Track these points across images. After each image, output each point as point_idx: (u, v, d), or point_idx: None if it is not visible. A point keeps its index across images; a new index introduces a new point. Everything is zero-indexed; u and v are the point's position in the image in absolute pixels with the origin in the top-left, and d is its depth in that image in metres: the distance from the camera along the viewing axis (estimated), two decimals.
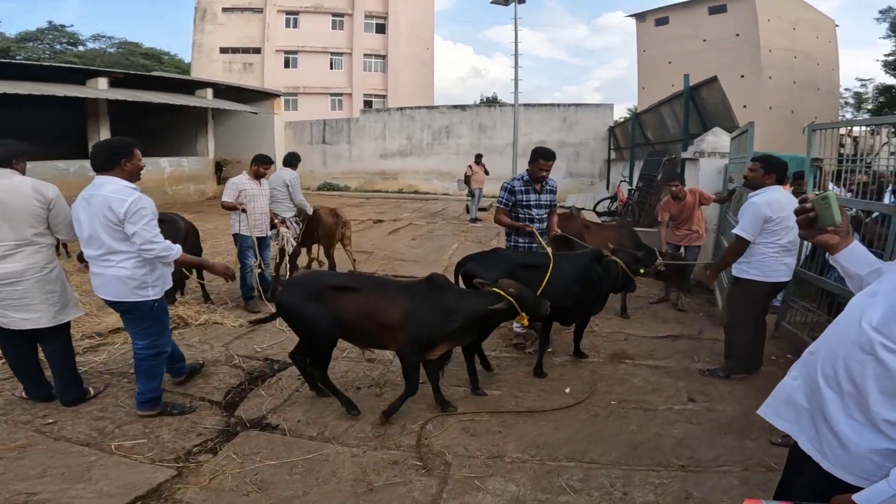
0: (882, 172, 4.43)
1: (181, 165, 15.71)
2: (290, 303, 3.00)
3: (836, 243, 1.40)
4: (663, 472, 2.54)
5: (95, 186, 2.79)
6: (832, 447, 1.24)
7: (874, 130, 4.66)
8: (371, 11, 31.10)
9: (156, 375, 3.03)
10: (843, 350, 1.24)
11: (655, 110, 10.35)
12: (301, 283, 3.16)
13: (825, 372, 1.27)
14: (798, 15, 32.38)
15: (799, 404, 1.35)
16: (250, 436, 2.88)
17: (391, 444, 2.82)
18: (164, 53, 39.33)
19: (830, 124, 4.49)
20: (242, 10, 30.56)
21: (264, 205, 5.27)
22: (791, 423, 1.38)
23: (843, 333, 1.26)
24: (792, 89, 31.49)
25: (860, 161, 4.33)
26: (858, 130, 4.93)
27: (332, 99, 31.29)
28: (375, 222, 11.73)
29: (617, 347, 4.27)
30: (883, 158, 4.90)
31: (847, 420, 1.21)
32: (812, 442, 1.31)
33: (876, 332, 1.16)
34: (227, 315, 4.86)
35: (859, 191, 4.01)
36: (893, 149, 5.59)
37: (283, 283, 3.15)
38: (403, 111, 20.42)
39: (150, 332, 2.97)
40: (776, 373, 3.79)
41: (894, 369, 1.12)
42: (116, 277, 2.81)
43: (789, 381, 1.41)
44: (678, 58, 32.81)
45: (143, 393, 2.99)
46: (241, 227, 5.07)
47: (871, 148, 5.09)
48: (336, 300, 2.97)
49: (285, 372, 3.71)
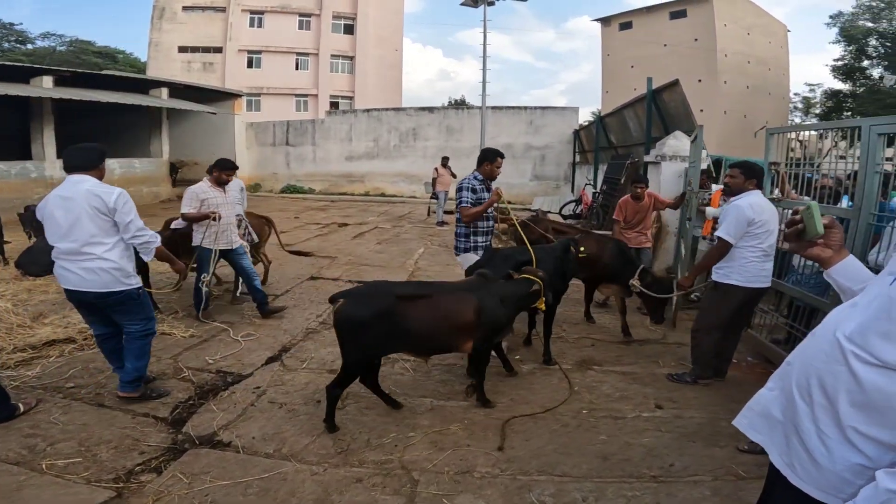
0: (839, 177, 4.56)
1: (133, 167, 15.06)
2: (357, 316, 2.79)
3: (829, 257, 1.38)
4: (635, 484, 2.49)
5: (73, 184, 2.93)
6: (802, 461, 1.20)
7: (822, 134, 4.81)
8: (339, 12, 30.70)
9: (145, 354, 3.22)
10: (817, 361, 1.19)
11: (619, 114, 10.51)
12: (368, 295, 2.92)
13: (799, 383, 1.23)
14: (752, 20, 33.50)
15: (774, 416, 1.31)
16: (199, 454, 2.69)
17: (354, 460, 2.67)
18: (119, 52, 38.05)
19: (787, 128, 4.61)
20: (204, 10, 29.75)
21: (230, 214, 4.85)
22: (765, 435, 1.33)
23: (818, 344, 1.22)
24: (745, 94, 32.59)
25: (809, 165, 4.46)
26: (806, 135, 5.08)
27: (297, 100, 30.74)
28: (340, 226, 11.48)
29: (584, 354, 4.24)
30: (829, 162, 5.07)
31: (818, 433, 1.16)
32: (783, 456, 1.26)
33: (849, 341, 1.12)
34: (176, 325, 4.59)
35: (818, 194, 4.12)
36: (841, 153, 5.79)
37: (345, 295, 2.90)
38: (370, 113, 20.17)
39: (141, 316, 3.15)
40: (740, 378, 3.83)
41: (865, 381, 1.08)
42: (102, 269, 2.92)
43: (766, 393, 1.37)
44: (640, 62, 33.66)
45: (131, 371, 3.13)
46: (204, 239, 4.66)
47: (818, 152, 5.25)
48: (406, 310, 2.86)
49: (239, 385, 3.51)
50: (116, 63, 35.20)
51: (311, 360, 3.96)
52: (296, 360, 3.98)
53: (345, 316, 2.81)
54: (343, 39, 31.15)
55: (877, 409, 1.07)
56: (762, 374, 3.92)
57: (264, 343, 4.29)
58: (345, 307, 2.82)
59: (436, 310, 2.93)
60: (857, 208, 3.32)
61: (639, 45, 34.41)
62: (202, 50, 29.91)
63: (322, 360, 3.98)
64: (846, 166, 4.30)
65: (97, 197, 2.89)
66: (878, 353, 1.07)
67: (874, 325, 1.09)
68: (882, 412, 1.06)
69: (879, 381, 1.06)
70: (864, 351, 1.09)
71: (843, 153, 5.75)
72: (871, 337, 1.09)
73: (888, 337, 1.06)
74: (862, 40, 26.31)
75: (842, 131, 4.45)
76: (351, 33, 31.25)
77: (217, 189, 4.78)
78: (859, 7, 26.38)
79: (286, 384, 3.54)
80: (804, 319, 3.83)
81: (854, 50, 26.92)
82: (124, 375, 3.16)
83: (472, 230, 4.14)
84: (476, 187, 4.13)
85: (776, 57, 34.85)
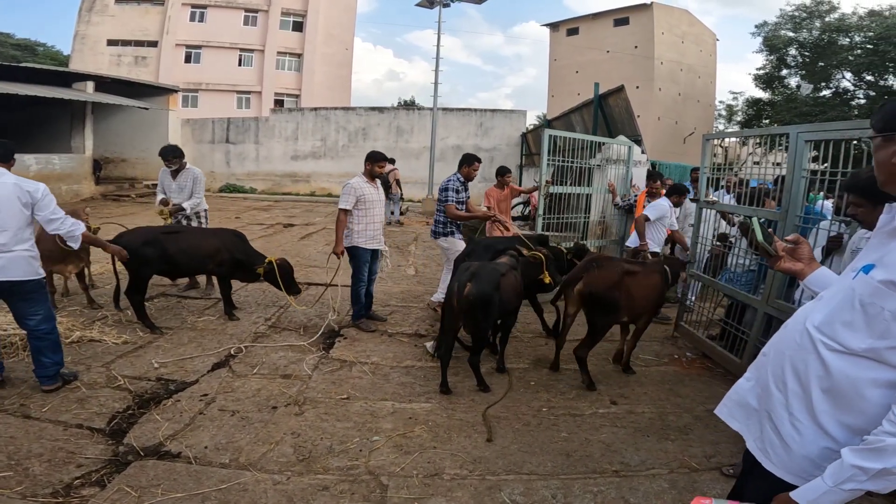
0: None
1: (51, 163, 13.95)
2: (487, 292, 3.37)
3: (800, 269, 1.48)
4: (599, 480, 2.54)
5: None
6: (774, 447, 1.27)
7: (743, 141, 5.17)
8: (288, 9, 29.72)
9: (59, 344, 3.27)
10: (790, 350, 1.28)
11: (566, 117, 10.82)
12: (486, 274, 3.48)
13: (774, 372, 1.31)
14: (686, 28, 34.88)
15: (750, 405, 1.38)
16: (146, 466, 2.51)
17: (318, 467, 2.57)
18: (40, 45, 35.69)
19: (721, 134, 4.92)
20: (139, 2, 28.05)
21: (382, 212, 4.81)
22: (741, 423, 1.41)
23: (791, 335, 1.30)
24: (677, 101, 34.06)
25: (730, 170, 4.76)
26: (728, 141, 5.46)
27: (240, 97, 29.51)
28: (285, 227, 11.12)
29: (539, 353, 4.31)
30: (747, 167, 5.45)
31: (790, 419, 1.24)
32: (756, 442, 1.33)
33: (818, 331, 1.21)
34: (108, 331, 4.24)
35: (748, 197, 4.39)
36: (758, 158, 6.23)
37: (470, 277, 3.44)
38: (318, 111, 19.71)
39: (46, 305, 3.21)
40: (682, 373, 4.03)
41: (833, 368, 1.16)
42: (23, 258, 3.04)
43: (743, 383, 1.44)
44: (584, 68, 34.66)
45: (52, 366, 3.18)
46: (359, 238, 4.61)
47: (737, 157, 5.65)
48: (505, 283, 3.54)
49: (183, 393, 3.30)
50: (36, 56, 33.05)
51: (262, 366, 3.79)
52: (245, 365, 3.80)
53: (475, 294, 3.36)
54: (291, 36, 30.21)
55: (844, 394, 1.15)
56: (702, 369, 4.14)
57: (209, 349, 4.06)
58: (474, 288, 3.37)
59: (514, 283, 3.71)
60: (785, 211, 3.52)
61: (584, 50, 35.31)
62: (135, 43, 28.16)
63: (274, 364, 3.83)
64: (764, 171, 4.62)
65: (26, 191, 3.02)
66: (843, 341, 1.16)
67: (839, 315, 1.19)
68: (849, 397, 1.15)
69: (845, 367, 1.15)
70: (830, 339, 1.18)
71: (758, 159, 6.21)
72: (837, 326, 1.18)
73: (851, 326, 1.15)
74: (783, 50, 27.34)
75: (762, 138, 4.77)
76: (300, 30, 30.34)
77: (372, 184, 4.69)
78: (782, 17, 27.34)
79: (236, 391, 3.37)
80: (737, 316, 4.08)
81: (775, 59, 28.00)
82: (45, 371, 3.19)
83: (454, 226, 5.08)
84: (459, 188, 5.01)
85: (705, 65, 36.42)
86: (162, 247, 4.42)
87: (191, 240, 4.65)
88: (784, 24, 27.33)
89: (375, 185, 4.73)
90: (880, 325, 1.10)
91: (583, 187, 6.62)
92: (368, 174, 4.65)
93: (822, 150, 3.41)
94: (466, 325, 3.53)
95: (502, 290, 3.49)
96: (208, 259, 4.65)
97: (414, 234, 10.69)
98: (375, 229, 4.69)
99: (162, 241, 4.44)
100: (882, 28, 22.93)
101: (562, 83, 36.91)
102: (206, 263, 4.70)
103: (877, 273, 1.13)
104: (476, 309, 3.38)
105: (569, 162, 6.25)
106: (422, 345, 4.34)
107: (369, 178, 4.68)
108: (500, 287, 3.47)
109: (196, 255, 4.60)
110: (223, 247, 4.69)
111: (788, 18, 27.07)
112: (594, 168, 7.42)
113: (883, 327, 1.10)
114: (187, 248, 4.56)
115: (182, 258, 4.53)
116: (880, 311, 1.10)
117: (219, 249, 4.66)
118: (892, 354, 1.10)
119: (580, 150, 6.49)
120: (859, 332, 1.14)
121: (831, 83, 26.54)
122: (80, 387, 3.27)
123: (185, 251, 4.55)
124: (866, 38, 24.07)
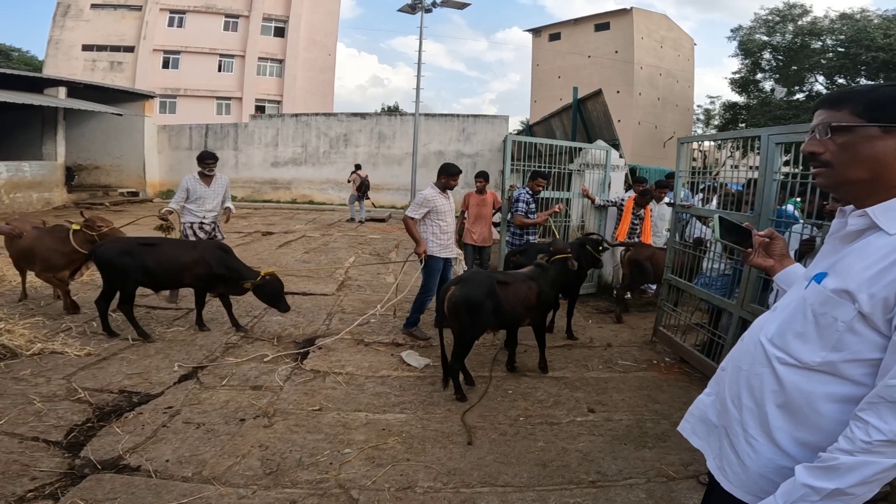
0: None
1: (21, 170, 13.57)
2: (474, 298, 3.37)
3: (771, 266, 1.45)
4: (576, 490, 2.49)
5: None
6: (732, 465, 1.21)
7: (720, 145, 5.21)
8: (270, 14, 29.52)
9: None
10: (745, 364, 1.22)
11: (547, 122, 10.88)
12: (476, 282, 3.49)
13: (731, 388, 1.25)
14: (665, 33, 35.47)
15: (711, 421, 1.32)
16: (102, 479, 2.41)
17: (286, 481, 2.48)
18: (15, 50, 34.96)
19: (695, 137, 4.94)
20: (116, 7, 27.64)
21: (453, 221, 4.87)
22: (703, 440, 1.34)
23: (746, 348, 1.25)
24: (656, 105, 34.58)
25: (707, 173, 4.80)
26: (707, 144, 5.51)
27: (219, 103, 29.18)
28: (264, 234, 10.94)
29: (518, 360, 4.25)
30: (726, 170, 5.51)
31: (745, 436, 1.18)
32: (716, 460, 1.27)
33: (770, 343, 1.15)
34: (70, 343, 4.08)
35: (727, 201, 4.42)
36: (734, 162, 6.32)
37: (455, 282, 3.51)
38: (299, 118, 19.49)
39: None
40: (661, 378, 4.01)
41: (787, 383, 1.10)
42: None
43: (704, 398, 1.38)
44: (566, 73, 35.00)
45: None
46: (434, 247, 4.69)
47: (716, 161, 5.72)
48: (504, 293, 3.54)
49: (147, 405, 3.18)
50: (11, 61, 32.40)
51: (232, 377, 3.68)
52: (214, 376, 3.68)
53: (460, 298, 3.38)
54: (272, 42, 29.99)
55: (799, 410, 1.09)
56: (680, 374, 4.13)
57: (176, 359, 3.93)
58: (457, 292, 3.40)
59: (518, 293, 3.72)
60: (757, 214, 3.53)
61: (566, 55, 35.71)
62: (110, 49, 27.73)
63: (244, 376, 3.71)
64: (738, 174, 4.65)
65: None
66: (795, 353, 1.10)
67: (791, 326, 1.13)
68: (804, 413, 1.09)
69: (798, 380, 1.09)
70: (783, 352, 1.12)
71: (736, 163, 6.30)
72: (789, 338, 1.12)
73: (803, 337, 1.09)
74: (757, 53, 27.79)
75: (735, 141, 4.80)
76: (282, 36, 30.14)
77: (444, 195, 4.75)
78: (756, 21, 27.79)
79: (203, 403, 3.25)
80: (713, 320, 4.07)
81: (750, 63, 28.44)
82: None
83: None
84: (528, 199, 5.56)
85: (683, 69, 37.05)
86: (140, 258, 4.33)
87: (168, 252, 4.52)
88: (758, 28, 27.79)
89: (447, 197, 4.80)
90: (832, 336, 1.04)
91: (562, 192, 6.63)
92: (442, 186, 4.72)
93: (793, 152, 3.43)
94: (452, 328, 3.51)
95: (502, 299, 3.50)
96: (184, 272, 4.52)
97: (395, 241, 10.60)
98: (448, 238, 4.78)
99: (139, 253, 4.35)
100: (853, 31, 23.46)
101: (544, 88, 37.24)
102: (182, 276, 4.56)
103: (829, 282, 1.08)
104: (460, 313, 3.39)
105: (546, 167, 6.24)
106: (398, 354, 4.26)
107: (441, 191, 4.73)
108: (494, 295, 3.46)
109: (172, 267, 4.47)
110: (202, 259, 4.55)
111: (762, 22, 27.53)
112: (574, 173, 7.45)
113: (835, 338, 1.04)
114: (163, 261, 4.44)
115: (158, 270, 4.41)
116: (833, 321, 1.04)
117: (196, 262, 4.53)
118: (849, 368, 1.04)
119: (558, 156, 6.50)
120: (811, 343, 1.08)
121: (804, 86, 27.09)
122: (38, 398, 3.12)
123: (162, 263, 4.43)
124: (838, 42, 24.63)
